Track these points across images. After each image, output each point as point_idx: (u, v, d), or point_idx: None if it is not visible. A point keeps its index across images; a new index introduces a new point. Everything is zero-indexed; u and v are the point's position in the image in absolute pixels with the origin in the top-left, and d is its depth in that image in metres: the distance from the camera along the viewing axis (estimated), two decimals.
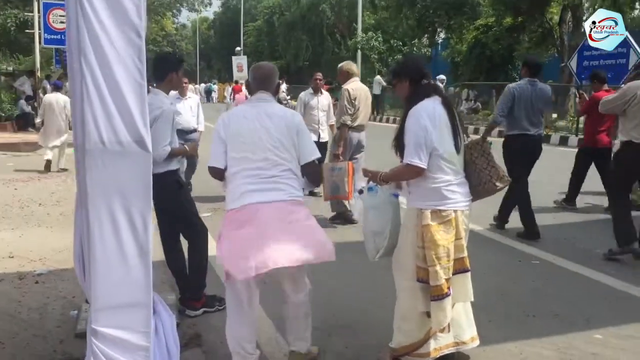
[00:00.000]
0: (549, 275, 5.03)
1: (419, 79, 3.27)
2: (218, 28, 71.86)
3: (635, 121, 5.28)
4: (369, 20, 38.57)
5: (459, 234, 3.16)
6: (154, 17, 41.01)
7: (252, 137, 3.17)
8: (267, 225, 3.04)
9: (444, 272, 3.10)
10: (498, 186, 3.25)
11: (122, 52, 2.33)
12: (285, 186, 3.16)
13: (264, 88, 3.34)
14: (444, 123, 3.14)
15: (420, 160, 3.09)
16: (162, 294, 4.49)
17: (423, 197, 3.18)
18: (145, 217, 2.47)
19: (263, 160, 3.14)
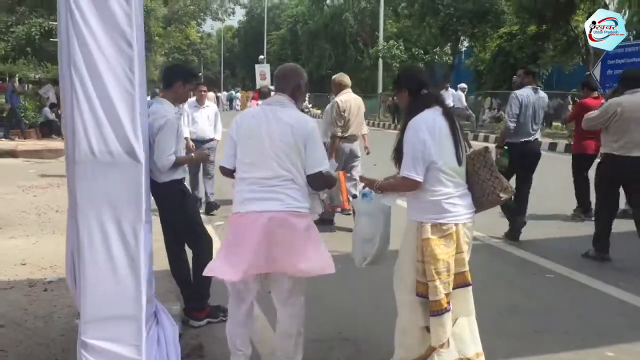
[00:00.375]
0: (563, 289, 4.90)
1: (418, 89, 3.18)
2: (242, 37, 72.38)
3: (616, 136, 5.45)
4: (392, 28, 38.51)
5: (460, 248, 3.08)
6: (179, 26, 41.49)
7: (258, 143, 3.12)
8: (260, 234, 3.03)
9: (444, 287, 3.02)
10: (502, 197, 3.16)
11: (112, 61, 2.32)
12: (284, 196, 3.07)
13: (280, 89, 3.27)
14: (444, 135, 3.06)
15: (416, 174, 3.03)
16: (167, 303, 4.48)
17: (423, 210, 3.10)
18: (136, 228, 2.45)
19: (266, 169, 3.09)
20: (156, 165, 3.88)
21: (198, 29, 50.72)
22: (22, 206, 8.20)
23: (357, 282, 4.96)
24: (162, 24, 35.78)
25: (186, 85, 4.12)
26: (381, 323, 4.05)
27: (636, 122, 5.36)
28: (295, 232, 3.06)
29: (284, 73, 3.32)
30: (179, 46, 49.10)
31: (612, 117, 5.44)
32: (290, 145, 3.08)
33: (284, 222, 3.05)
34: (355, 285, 4.93)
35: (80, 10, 2.22)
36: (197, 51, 68.47)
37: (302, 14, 51.44)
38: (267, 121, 3.12)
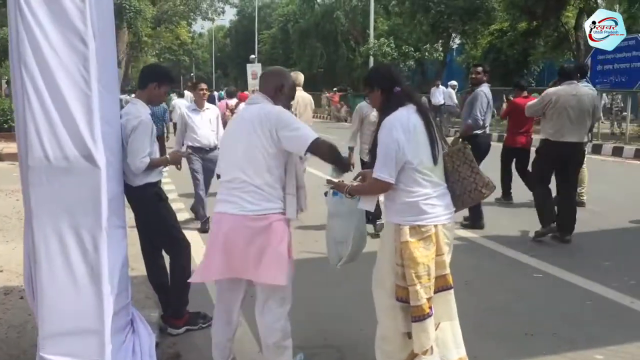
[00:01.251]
0: (552, 289, 4.78)
1: (390, 88, 3.06)
2: (234, 36, 72.13)
3: (551, 122, 6.12)
4: (383, 26, 38.40)
5: (440, 250, 2.96)
6: (169, 26, 41.22)
7: (228, 150, 3.16)
8: (221, 236, 3.05)
9: (425, 291, 2.90)
10: (484, 193, 3.10)
11: (65, 59, 2.18)
12: (241, 199, 3.01)
13: (260, 88, 3.27)
14: (419, 133, 2.95)
15: (388, 176, 2.92)
16: (145, 310, 4.36)
17: (400, 212, 2.98)
18: (96, 236, 2.32)
19: (232, 174, 3.08)
20: (130, 168, 3.75)
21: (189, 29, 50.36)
22: (3, 210, 8.03)
23: (343, 287, 4.85)
24: (151, 25, 35.49)
25: (161, 87, 3.97)
26: (366, 329, 3.94)
27: (568, 110, 6.00)
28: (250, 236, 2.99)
29: (266, 74, 3.35)
30: (169, 46, 48.81)
31: (547, 104, 6.10)
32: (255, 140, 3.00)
33: (243, 226, 3.00)
34: (341, 290, 4.82)
35: (29, 5, 2.09)
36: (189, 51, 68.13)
37: (293, 13, 51.28)
38: (240, 126, 3.13)
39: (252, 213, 3.00)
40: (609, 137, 16.75)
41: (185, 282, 4.14)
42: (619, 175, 11.27)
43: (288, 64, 51.26)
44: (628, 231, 6.72)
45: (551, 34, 25.41)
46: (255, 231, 2.99)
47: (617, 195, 8.96)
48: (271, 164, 3.03)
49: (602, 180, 10.27)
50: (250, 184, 3.01)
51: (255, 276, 3.05)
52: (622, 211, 7.68)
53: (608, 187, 9.56)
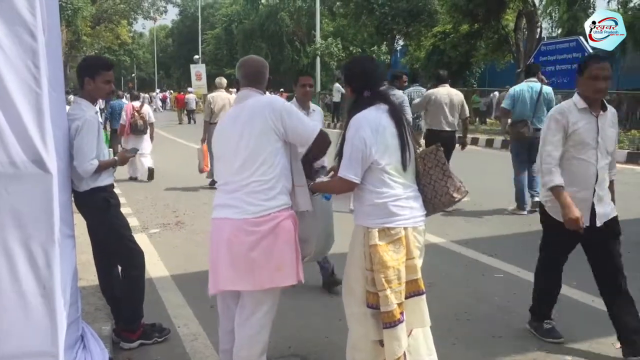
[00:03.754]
0: (514, 289, 4.75)
1: (362, 85, 2.93)
2: (176, 36, 70.98)
3: (433, 116, 7.88)
4: (328, 27, 38.50)
5: (410, 254, 2.86)
6: (109, 25, 40.08)
7: (223, 149, 3.06)
8: (220, 244, 2.94)
9: (396, 297, 2.79)
10: (455, 198, 3.00)
11: (11, 55, 1.96)
12: (242, 203, 2.90)
13: (250, 84, 3.10)
14: (389, 134, 2.85)
15: (354, 175, 2.82)
16: (96, 324, 4.09)
17: (368, 214, 2.87)
18: (48, 249, 2.09)
19: (233, 176, 2.95)
20: (77, 172, 3.49)
21: (129, 29, 49.11)
22: None
23: (308, 294, 4.70)
24: (90, 23, 34.39)
25: (95, 79, 3.62)
26: (332, 336, 3.83)
27: (442, 105, 7.77)
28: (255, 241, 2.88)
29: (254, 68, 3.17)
30: (109, 46, 47.50)
31: (428, 102, 7.89)
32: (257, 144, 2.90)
33: (242, 230, 2.88)
34: (307, 297, 4.67)
35: None
36: (129, 51, 66.55)
37: (237, 13, 50.86)
38: (229, 122, 3.04)
39: (254, 216, 2.88)
40: None
41: (139, 294, 3.92)
42: None
43: (232, 64, 50.69)
44: None
45: (492, 36, 25.97)
46: (261, 234, 2.88)
47: None
48: (275, 159, 2.93)
49: None
50: (253, 183, 2.89)
51: (260, 283, 2.92)
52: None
53: None
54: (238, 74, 3.16)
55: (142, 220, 7.52)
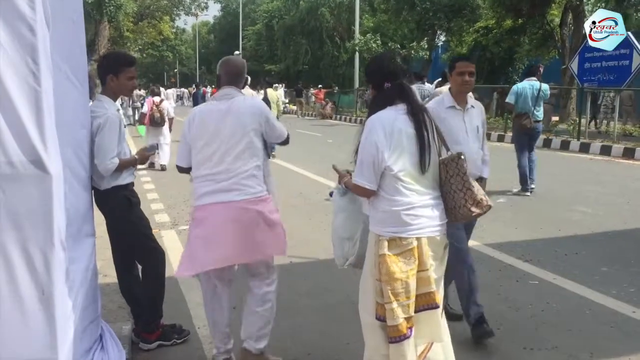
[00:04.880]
0: (550, 298, 4.52)
1: (381, 83, 2.79)
2: (218, 32, 71.59)
3: None
4: (368, 23, 38.17)
5: (423, 265, 2.68)
6: (151, 21, 40.66)
7: (211, 140, 3.26)
8: (218, 225, 3.21)
9: (403, 311, 2.63)
10: (474, 212, 2.75)
11: (10, 50, 1.88)
12: (241, 186, 3.23)
13: (232, 83, 3.39)
14: (406, 137, 2.68)
15: (367, 182, 2.72)
16: (117, 323, 4.05)
17: (381, 221, 2.73)
18: (47, 253, 2.01)
19: (220, 166, 3.23)
20: (97, 170, 3.45)
21: (172, 25, 49.74)
22: None
23: (329, 297, 4.59)
24: (132, 19, 34.91)
25: (119, 76, 3.58)
26: (353, 343, 3.68)
27: None
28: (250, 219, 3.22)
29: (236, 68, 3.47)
30: (152, 42, 48.20)
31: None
32: (242, 136, 3.23)
33: (242, 210, 3.21)
34: (327, 300, 4.55)
35: None
36: (172, 47, 67.49)
37: (277, 9, 50.90)
38: (223, 119, 3.26)
39: (253, 196, 3.23)
40: (596, 136, 16.62)
41: (158, 294, 3.85)
42: (609, 175, 11.07)
43: (273, 60, 50.94)
44: (623, 235, 6.48)
45: (536, 31, 25.28)
46: (260, 212, 3.23)
47: (610, 196, 8.70)
48: (258, 153, 3.29)
49: (593, 181, 10.12)
50: (246, 170, 3.22)
51: (263, 253, 3.31)
52: (616, 213, 7.47)
53: (600, 188, 9.38)
54: (220, 71, 3.44)
55: (172, 216, 7.51)
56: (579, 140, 15.22)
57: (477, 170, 3.82)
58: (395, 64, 2.86)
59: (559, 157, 13.73)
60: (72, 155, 2.84)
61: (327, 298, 4.58)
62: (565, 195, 8.73)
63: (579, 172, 11.37)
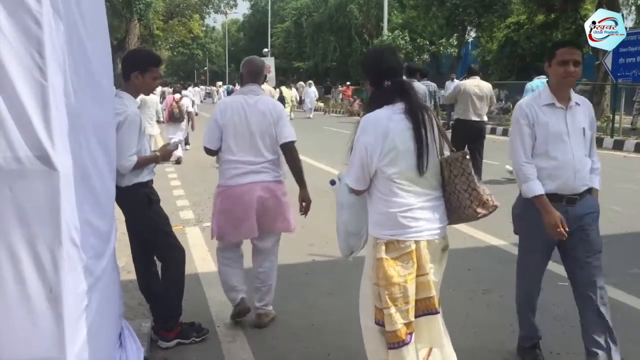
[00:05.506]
0: None
1: (380, 80, 2.67)
2: (247, 30, 71.97)
3: (462, 106, 8.57)
4: (397, 19, 37.91)
5: (422, 269, 2.58)
6: (181, 19, 41.02)
7: (241, 129, 3.82)
8: (247, 202, 3.82)
9: (402, 316, 2.54)
10: (479, 213, 2.64)
11: (14, 42, 1.84)
12: (266, 169, 3.88)
13: (255, 81, 3.98)
14: (401, 139, 2.57)
15: (354, 182, 2.68)
16: (137, 320, 4.04)
17: (378, 224, 2.65)
18: (55, 250, 1.98)
19: (249, 153, 3.84)
20: None
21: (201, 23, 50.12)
22: None
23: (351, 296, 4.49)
24: (162, 18, 35.24)
25: (144, 75, 3.58)
26: None
27: (471, 97, 8.43)
28: (273, 198, 3.91)
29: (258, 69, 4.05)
30: (182, 40, 48.65)
31: (458, 93, 8.64)
32: (264, 127, 3.83)
33: (268, 189, 3.88)
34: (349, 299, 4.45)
35: None
36: (202, 45, 68.07)
37: (306, 7, 50.91)
38: (251, 109, 3.83)
39: (277, 179, 3.95)
40: (630, 133, 16.18)
41: (178, 291, 3.82)
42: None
43: (301, 58, 50.95)
44: None
45: (569, 26, 24.78)
46: (279, 192, 3.95)
47: None
48: (275, 146, 3.90)
49: (627, 179, 9.82)
50: (270, 158, 3.89)
51: (279, 226, 4.02)
52: None
53: (634, 186, 9.10)
54: (243, 70, 3.99)
55: (197, 213, 7.50)
56: (612, 137, 14.84)
57: (581, 182, 3.22)
58: (395, 60, 2.76)
59: None
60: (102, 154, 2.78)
61: (347, 297, 4.47)
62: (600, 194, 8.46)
63: (612, 170, 11.03)
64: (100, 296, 2.65)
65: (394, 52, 2.87)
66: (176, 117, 12.11)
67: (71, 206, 2.07)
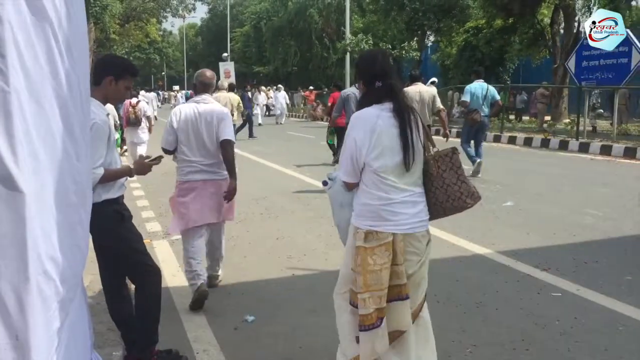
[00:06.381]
0: (576, 312, 4.17)
1: (372, 80, 2.85)
2: (205, 34, 71.15)
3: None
4: (357, 24, 37.94)
5: (397, 260, 2.74)
6: (138, 23, 40.12)
7: (194, 133, 4.46)
8: (203, 195, 4.51)
9: (374, 301, 2.72)
10: (468, 203, 2.83)
11: None
12: (216, 169, 4.54)
13: (206, 91, 4.65)
14: (387, 135, 2.74)
15: (345, 175, 2.87)
16: (106, 348, 3.67)
17: (360, 214, 2.83)
18: (20, 290, 1.64)
19: (204, 155, 4.48)
20: None
21: (159, 27, 49.16)
22: None
23: None
24: (119, 21, 34.36)
25: (119, 81, 3.28)
26: None
27: (413, 102, 7.92)
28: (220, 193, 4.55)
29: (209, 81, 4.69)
30: (139, 44, 47.66)
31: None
32: (212, 130, 4.44)
33: (216, 186, 4.55)
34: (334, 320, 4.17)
35: None
36: (159, 50, 67.00)
37: (265, 11, 50.59)
38: (202, 116, 4.45)
39: (223, 178, 4.57)
40: (594, 135, 16.38)
41: (154, 317, 3.47)
42: (613, 175, 10.77)
43: (261, 62, 50.57)
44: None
45: (527, 31, 25.09)
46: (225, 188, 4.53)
47: (619, 198, 8.34)
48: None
49: (599, 182, 9.84)
50: (217, 160, 4.50)
51: (227, 216, 4.78)
52: (628, 216, 7.12)
53: (607, 190, 9.10)
54: (197, 82, 4.65)
55: (164, 225, 7.08)
56: (577, 140, 14.98)
57: None
58: (387, 64, 2.91)
59: (560, 158, 13.49)
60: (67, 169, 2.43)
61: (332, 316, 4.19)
62: (574, 198, 8.42)
63: (583, 173, 11.11)
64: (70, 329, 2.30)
65: (386, 56, 2.98)
66: (132, 122, 12.07)
67: (42, 233, 1.73)
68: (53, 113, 1.72)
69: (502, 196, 8.41)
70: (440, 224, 6.68)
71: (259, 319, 4.18)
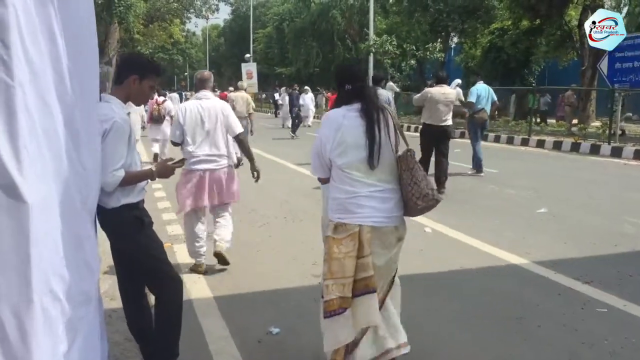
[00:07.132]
0: (626, 330, 3.87)
1: (342, 85, 3.07)
2: (228, 35, 71.32)
3: (429, 112, 9.06)
4: (381, 25, 37.58)
5: (363, 252, 2.87)
6: (161, 23, 40.25)
7: (198, 127, 5.01)
8: (206, 182, 5.06)
9: (337, 289, 2.85)
10: (419, 205, 2.91)
11: None
12: (217, 158, 5.09)
13: (205, 87, 5.18)
14: (352, 134, 2.92)
15: (315, 171, 3.12)
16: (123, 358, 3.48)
17: (331, 208, 3.01)
18: (22, 314, 1.43)
19: (209, 148, 5.04)
20: None
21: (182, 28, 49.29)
22: None
23: None
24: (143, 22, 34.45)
25: (143, 81, 3.11)
26: None
27: (438, 103, 8.93)
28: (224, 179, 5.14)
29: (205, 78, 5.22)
30: (162, 45, 47.82)
31: (425, 98, 9.12)
32: (215, 122, 5.02)
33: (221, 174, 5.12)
34: None
35: None
36: (182, 50, 67.26)
37: (288, 12, 50.47)
38: (204, 111, 5.02)
39: (226, 166, 5.16)
40: (625, 139, 15.88)
41: (175, 329, 3.26)
42: None
43: (284, 63, 50.46)
44: None
45: (554, 32, 24.54)
46: (228, 175, 5.17)
47: None
48: (224, 140, 5.12)
49: (635, 188, 9.44)
50: (218, 151, 5.07)
51: (229, 198, 5.22)
52: None
53: None
54: (196, 80, 5.22)
55: None
56: (610, 144, 14.52)
57: None
58: (357, 70, 3.31)
59: (591, 162, 13.08)
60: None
61: None
62: (610, 205, 8.06)
63: (618, 179, 10.70)
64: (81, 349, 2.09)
65: (359, 66, 3.31)
66: (156, 119, 12.83)
67: (50, 248, 1.53)
68: (57, 112, 1.51)
69: (534, 202, 8.10)
70: (469, 230, 6.46)
71: (284, 330, 3.96)
